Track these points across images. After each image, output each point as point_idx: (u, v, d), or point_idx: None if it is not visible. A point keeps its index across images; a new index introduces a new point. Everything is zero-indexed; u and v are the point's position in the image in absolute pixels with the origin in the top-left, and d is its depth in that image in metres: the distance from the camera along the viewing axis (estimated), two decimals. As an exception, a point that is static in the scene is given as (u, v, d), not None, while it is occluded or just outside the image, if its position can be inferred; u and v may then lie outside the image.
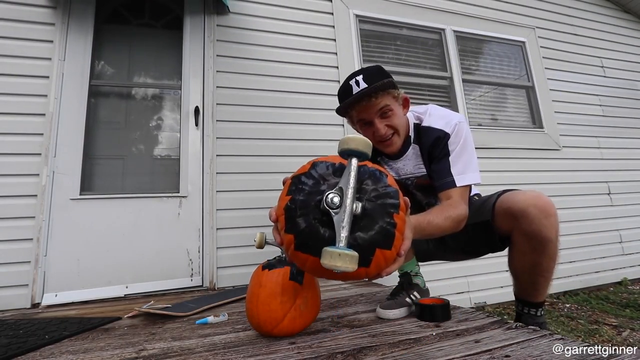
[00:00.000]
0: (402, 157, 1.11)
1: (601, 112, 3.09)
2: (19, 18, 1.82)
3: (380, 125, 1.00)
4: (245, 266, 1.87)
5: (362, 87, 0.96)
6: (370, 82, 0.95)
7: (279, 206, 0.63)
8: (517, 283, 1.09)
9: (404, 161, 1.11)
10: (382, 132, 1.01)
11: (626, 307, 2.13)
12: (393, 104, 1.00)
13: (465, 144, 1.01)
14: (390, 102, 0.99)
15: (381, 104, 0.98)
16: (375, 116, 0.99)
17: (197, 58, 2.08)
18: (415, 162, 1.10)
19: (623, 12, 3.53)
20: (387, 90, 0.97)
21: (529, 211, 0.93)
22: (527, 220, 0.93)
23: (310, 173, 0.62)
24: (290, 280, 0.89)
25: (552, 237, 0.94)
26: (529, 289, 1.05)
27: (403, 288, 1.13)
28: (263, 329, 0.88)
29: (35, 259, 1.61)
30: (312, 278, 0.95)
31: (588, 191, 2.79)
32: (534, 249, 0.96)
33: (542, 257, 0.97)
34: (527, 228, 0.94)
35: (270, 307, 0.86)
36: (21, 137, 1.71)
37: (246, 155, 2.02)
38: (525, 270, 1.02)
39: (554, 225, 0.94)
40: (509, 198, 0.98)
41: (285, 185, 0.65)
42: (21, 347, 0.92)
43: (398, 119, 1.01)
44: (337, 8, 2.44)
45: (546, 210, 0.92)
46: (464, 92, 2.65)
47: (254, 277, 0.94)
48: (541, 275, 1.00)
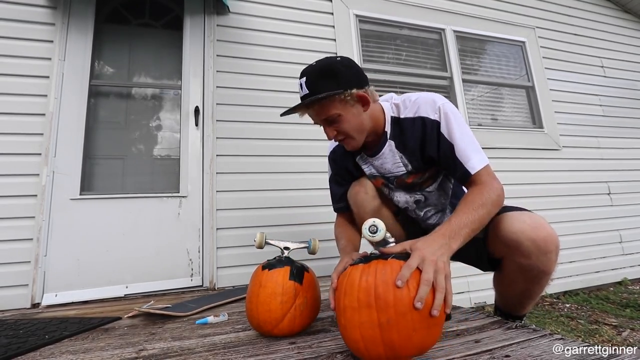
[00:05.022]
0: (379, 154, 1.02)
1: (601, 112, 3.09)
2: (19, 18, 1.81)
3: (328, 131, 0.94)
4: (245, 266, 1.87)
5: (304, 92, 0.88)
6: (313, 88, 0.86)
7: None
8: (502, 300, 1.06)
9: (381, 159, 1.03)
10: (331, 137, 0.96)
11: (626, 307, 2.13)
12: (342, 108, 0.89)
13: (458, 123, 0.90)
14: (336, 109, 0.89)
15: (323, 114, 0.91)
16: (321, 122, 0.95)
17: (197, 58, 2.08)
18: (393, 160, 1.01)
19: (623, 12, 3.53)
20: (329, 99, 0.87)
21: (525, 245, 0.82)
22: (522, 254, 0.84)
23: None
24: (290, 280, 0.89)
25: (549, 272, 0.86)
26: (515, 307, 1.02)
27: None
28: (263, 329, 0.88)
29: (35, 259, 1.61)
30: (312, 278, 0.95)
31: (588, 191, 2.79)
32: (526, 279, 0.89)
33: (535, 286, 0.91)
34: (522, 262, 0.85)
35: (270, 307, 0.86)
36: (21, 137, 1.70)
37: (246, 155, 2.02)
38: (514, 294, 0.98)
39: (552, 261, 0.84)
40: (505, 224, 0.85)
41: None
42: (21, 347, 0.92)
43: (349, 123, 0.91)
44: (337, 8, 2.44)
45: (546, 246, 0.81)
46: (464, 92, 2.65)
47: (254, 277, 0.93)
48: (530, 298, 0.96)
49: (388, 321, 0.61)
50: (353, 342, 0.66)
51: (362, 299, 0.64)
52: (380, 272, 0.65)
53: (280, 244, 1.05)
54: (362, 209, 1.08)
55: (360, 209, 1.09)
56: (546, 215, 2.98)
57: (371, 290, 0.63)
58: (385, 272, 0.64)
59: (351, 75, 0.90)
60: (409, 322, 0.61)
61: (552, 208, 2.62)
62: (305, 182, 2.08)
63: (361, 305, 0.63)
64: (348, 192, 1.13)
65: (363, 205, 1.08)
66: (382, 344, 0.62)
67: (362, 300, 0.63)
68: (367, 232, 0.73)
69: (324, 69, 0.89)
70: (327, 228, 2.04)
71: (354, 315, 0.64)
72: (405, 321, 0.61)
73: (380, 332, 0.61)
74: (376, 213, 1.07)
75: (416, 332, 0.61)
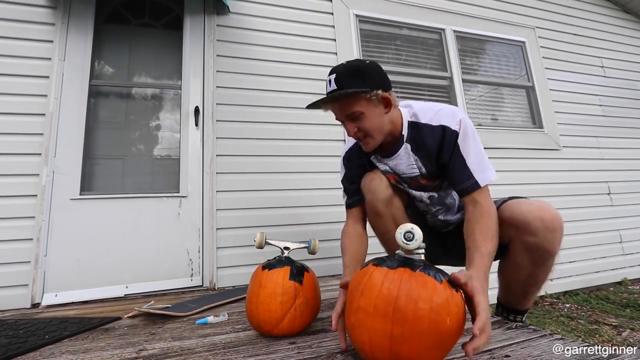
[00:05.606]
0: (394, 155, 1.06)
1: (601, 112, 3.09)
2: (19, 18, 1.81)
3: (349, 127, 0.98)
4: (245, 266, 1.87)
5: (331, 88, 0.92)
6: (341, 84, 0.91)
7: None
8: (505, 291, 1.08)
9: (395, 160, 1.07)
10: (351, 133, 0.99)
11: (626, 307, 2.13)
12: (366, 107, 0.94)
13: (475, 139, 0.95)
14: (360, 107, 0.93)
15: (348, 110, 0.95)
16: (344, 118, 0.98)
17: (197, 58, 2.08)
18: (407, 162, 1.05)
19: (623, 12, 3.53)
20: (355, 96, 0.92)
21: (533, 224, 0.88)
22: (530, 232, 0.89)
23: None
24: (290, 280, 0.89)
25: (554, 251, 0.91)
26: (519, 298, 1.04)
27: None
28: (263, 329, 0.88)
29: (35, 259, 1.61)
30: (312, 278, 0.95)
31: (588, 191, 2.79)
32: (532, 261, 0.93)
33: (540, 269, 0.94)
34: (529, 240, 0.90)
35: (270, 307, 0.86)
36: (21, 137, 1.70)
37: (246, 155, 2.02)
38: (519, 281, 1.00)
39: (557, 240, 0.89)
40: (513, 207, 0.94)
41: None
42: (21, 347, 0.92)
43: (371, 122, 0.96)
44: (337, 8, 2.44)
45: (552, 224, 0.88)
46: (464, 92, 2.65)
47: (254, 277, 0.93)
48: (534, 285, 0.98)
49: (402, 335, 0.59)
50: (360, 342, 0.65)
51: (379, 307, 0.62)
52: (405, 284, 0.62)
53: (280, 244, 1.05)
54: (375, 195, 1.10)
55: (374, 195, 1.10)
56: (546, 215, 2.92)
57: (392, 301, 0.61)
58: (410, 286, 0.61)
59: (378, 77, 0.95)
60: (423, 341, 0.59)
61: (552, 208, 2.62)
62: (305, 182, 2.08)
63: (377, 312, 0.62)
64: (362, 181, 1.14)
65: (377, 192, 1.09)
66: (389, 353, 0.61)
67: (379, 308, 0.62)
68: (401, 238, 0.67)
69: (353, 67, 0.94)
70: (328, 228, 2.04)
71: (367, 320, 0.63)
72: (419, 340, 0.59)
73: (390, 343, 0.60)
74: (388, 201, 1.09)
75: (427, 351, 0.60)
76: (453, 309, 0.61)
